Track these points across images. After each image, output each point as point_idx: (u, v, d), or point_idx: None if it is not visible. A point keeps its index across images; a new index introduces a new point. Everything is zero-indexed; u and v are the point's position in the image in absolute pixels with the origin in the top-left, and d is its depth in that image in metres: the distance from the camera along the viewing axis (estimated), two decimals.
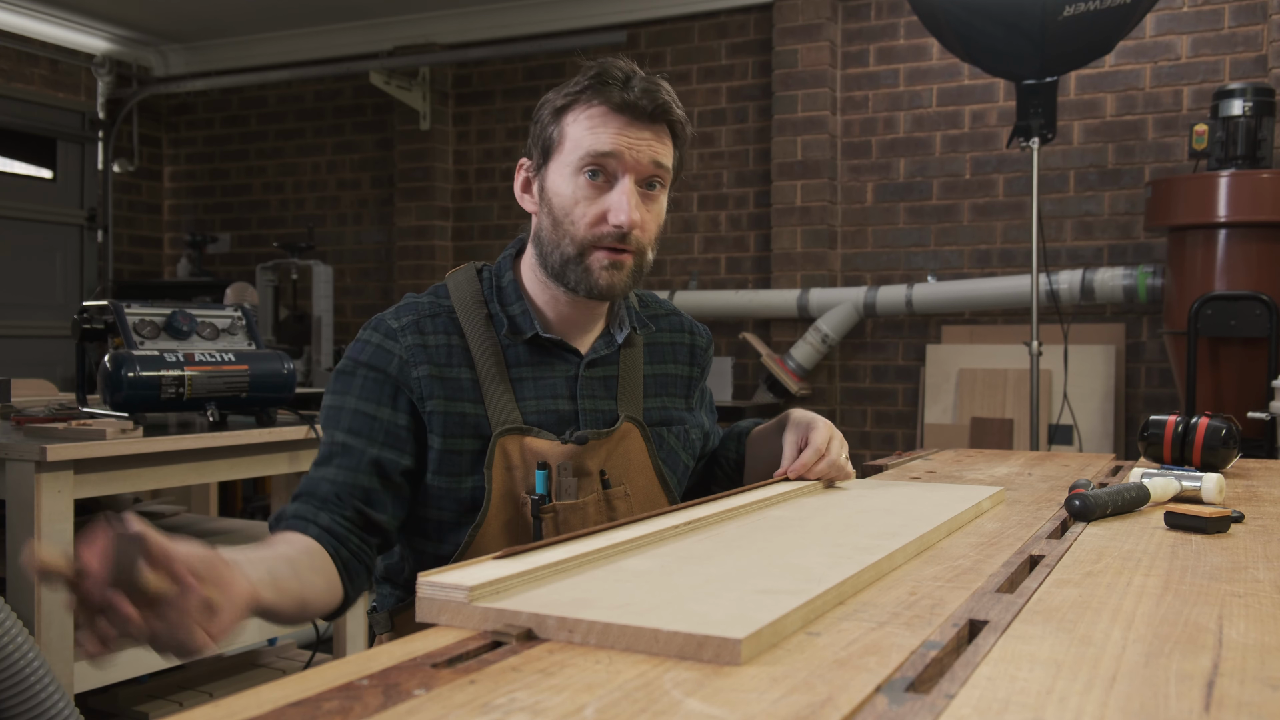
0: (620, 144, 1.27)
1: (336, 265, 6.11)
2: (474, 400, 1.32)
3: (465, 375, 1.32)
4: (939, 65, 4.84)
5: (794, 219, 5.00)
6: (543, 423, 1.34)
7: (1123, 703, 0.65)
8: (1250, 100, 3.69)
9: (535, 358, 1.36)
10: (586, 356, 1.39)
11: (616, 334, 1.42)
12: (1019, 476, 1.75)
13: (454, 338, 1.33)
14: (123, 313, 2.36)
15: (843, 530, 1.14)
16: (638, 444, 1.40)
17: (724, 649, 0.72)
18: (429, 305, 1.36)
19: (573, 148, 1.29)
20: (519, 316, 1.36)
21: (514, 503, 1.30)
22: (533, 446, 1.31)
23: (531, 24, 5.64)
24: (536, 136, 1.34)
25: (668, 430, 1.46)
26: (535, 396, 1.35)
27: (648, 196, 1.31)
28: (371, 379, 1.30)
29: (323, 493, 1.25)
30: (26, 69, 6.00)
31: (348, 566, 1.23)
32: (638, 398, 1.43)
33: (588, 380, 1.38)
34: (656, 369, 1.48)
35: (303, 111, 6.43)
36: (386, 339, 1.32)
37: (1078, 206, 4.62)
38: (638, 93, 1.27)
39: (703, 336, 1.57)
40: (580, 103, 1.29)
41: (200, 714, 0.62)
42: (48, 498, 2.06)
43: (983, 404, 4.59)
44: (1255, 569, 1.04)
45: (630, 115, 1.28)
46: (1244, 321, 3.61)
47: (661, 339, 1.51)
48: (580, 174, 1.28)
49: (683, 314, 1.58)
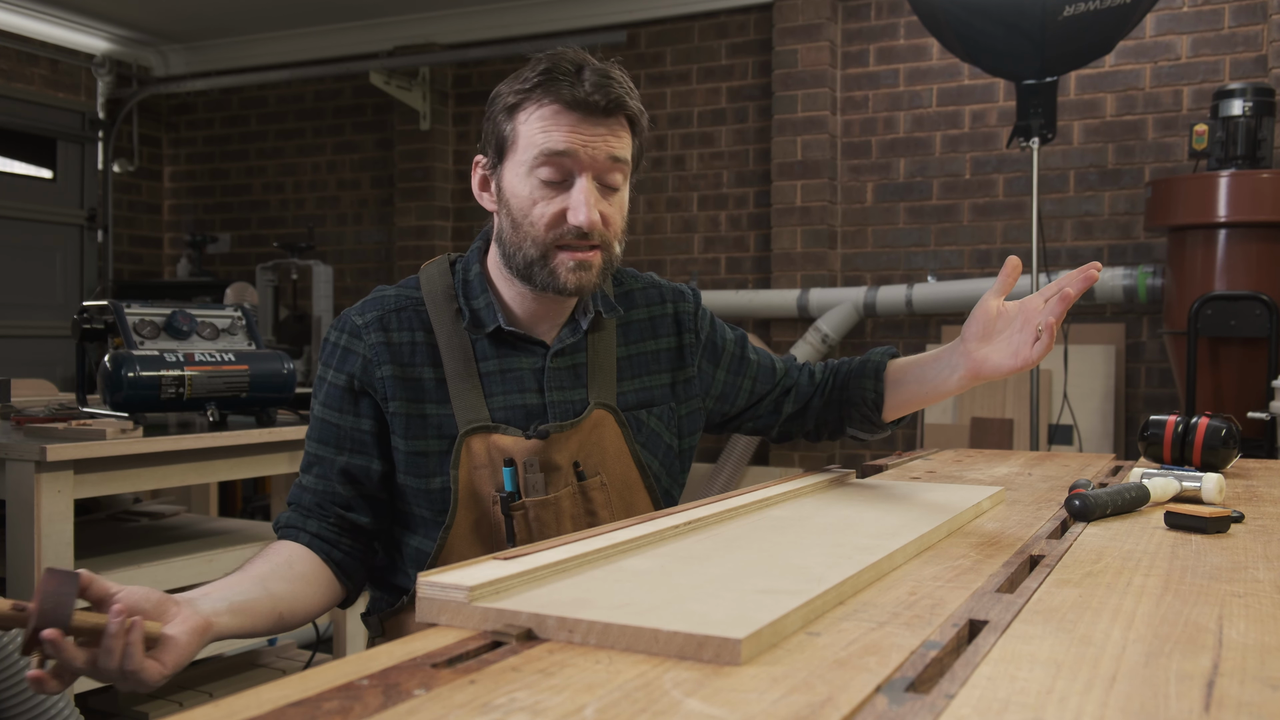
0: (574, 142, 1.23)
1: (336, 265, 6.11)
2: (438, 400, 1.31)
3: (429, 375, 1.31)
4: (939, 65, 4.84)
5: (794, 219, 5.00)
6: (510, 418, 1.32)
7: (1123, 703, 0.65)
8: (1250, 100, 3.69)
9: (501, 351, 1.34)
10: (553, 347, 1.36)
11: (581, 320, 1.38)
12: (1019, 476, 1.75)
13: (419, 334, 1.33)
14: (123, 313, 2.36)
15: (843, 530, 1.14)
16: (612, 431, 1.37)
17: (724, 649, 0.72)
18: (395, 299, 1.35)
19: (526, 147, 1.25)
20: (483, 310, 1.34)
21: (483, 501, 1.29)
22: (499, 443, 1.29)
23: (531, 24, 5.64)
24: (490, 134, 1.31)
25: (647, 413, 1.42)
26: (503, 391, 1.33)
27: (607, 191, 1.28)
28: (335, 386, 1.32)
29: (306, 502, 1.32)
30: (26, 69, 6.00)
31: (342, 566, 1.30)
32: (610, 383, 1.39)
33: (555, 371, 1.35)
34: (633, 349, 1.44)
35: (303, 111, 6.43)
36: (351, 338, 1.32)
37: (1078, 206, 4.62)
38: (589, 87, 1.23)
39: (688, 300, 1.50)
40: (531, 100, 1.25)
41: (200, 714, 0.62)
42: (48, 498, 2.06)
43: (983, 404, 4.59)
44: (1255, 569, 1.04)
45: (583, 111, 1.24)
46: (1244, 321, 3.61)
47: (637, 315, 1.45)
48: (535, 174, 1.25)
49: (663, 283, 1.51)
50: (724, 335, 1.53)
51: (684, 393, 1.46)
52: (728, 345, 1.52)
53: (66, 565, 2.08)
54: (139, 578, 2.26)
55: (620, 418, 1.38)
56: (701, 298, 1.53)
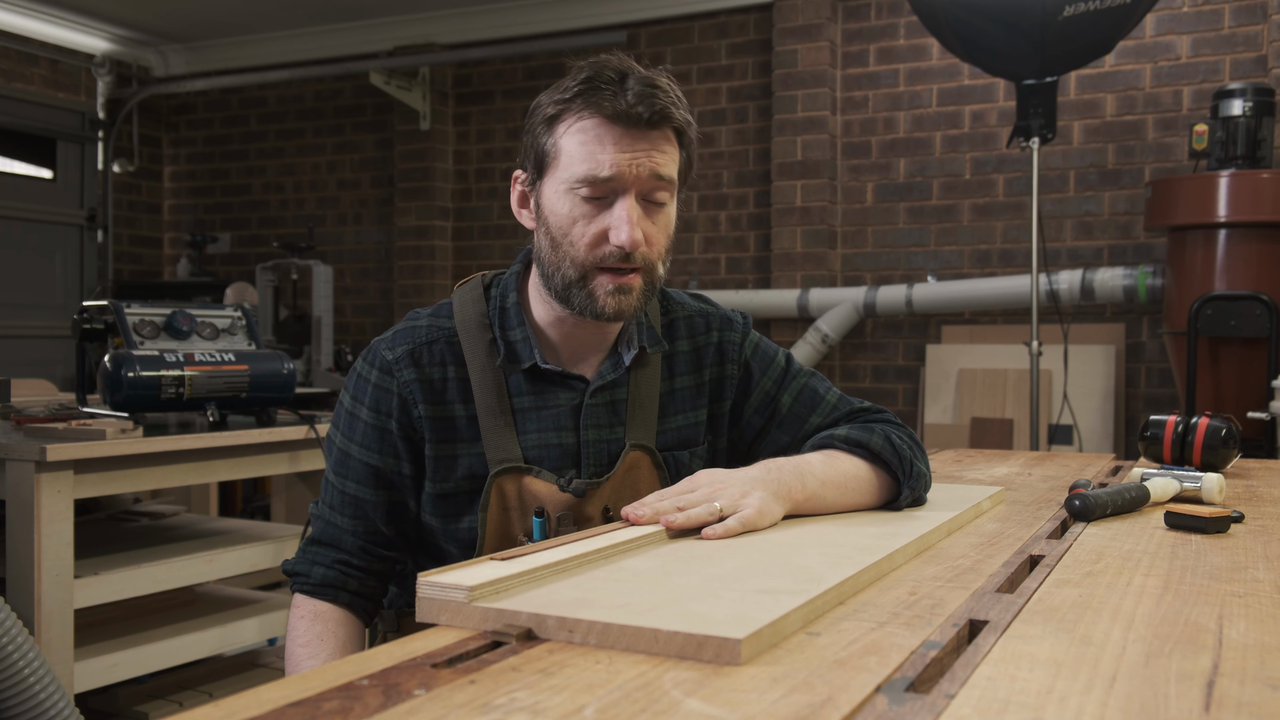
0: (618, 160, 1.16)
1: (336, 265, 6.11)
2: (469, 440, 1.26)
3: (460, 412, 1.26)
4: (939, 65, 4.84)
5: (794, 219, 5.00)
6: (544, 458, 1.27)
7: (1123, 703, 0.65)
8: (1250, 100, 3.69)
9: (538, 386, 1.28)
10: (593, 383, 1.29)
11: (624, 355, 1.31)
12: (1019, 476, 1.75)
13: (451, 369, 1.27)
14: (123, 313, 2.36)
15: (843, 530, 1.14)
16: (647, 473, 1.30)
17: (724, 649, 0.71)
18: (427, 331, 1.28)
19: (567, 163, 1.19)
20: (519, 344, 1.27)
21: (510, 544, 1.25)
22: (531, 488, 1.25)
23: (531, 24, 5.64)
24: (529, 148, 1.24)
25: (690, 454, 1.35)
26: (538, 429, 1.27)
27: (651, 209, 1.21)
28: (371, 426, 1.27)
29: (349, 546, 1.29)
30: (26, 69, 6.00)
31: (368, 610, 1.31)
32: (650, 421, 1.32)
33: (593, 408, 1.29)
34: (678, 382, 1.36)
35: (303, 111, 6.43)
36: (384, 376, 1.27)
37: (1078, 206, 4.62)
38: (632, 99, 1.16)
39: (735, 330, 1.40)
40: (571, 112, 1.18)
41: (200, 714, 0.62)
42: (48, 498, 2.05)
43: (983, 404, 4.59)
44: (1255, 569, 1.04)
45: (626, 125, 1.17)
46: (1244, 321, 3.61)
47: (681, 348, 1.37)
48: (576, 192, 1.19)
49: (711, 310, 1.41)
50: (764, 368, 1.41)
51: (720, 427, 1.40)
52: (763, 382, 1.40)
53: (66, 566, 2.08)
54: (139, 578, 2.26)
55: (657, 459, 1.31)
56: (751, 325, 1.44)
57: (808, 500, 1.19)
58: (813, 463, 1.23)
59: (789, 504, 1.17)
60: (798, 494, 1.18)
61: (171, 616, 2.52)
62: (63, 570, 2.07)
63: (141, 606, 2.50)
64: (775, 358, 1.42)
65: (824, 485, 1.21)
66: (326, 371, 4.56)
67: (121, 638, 2.34)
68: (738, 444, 1.42)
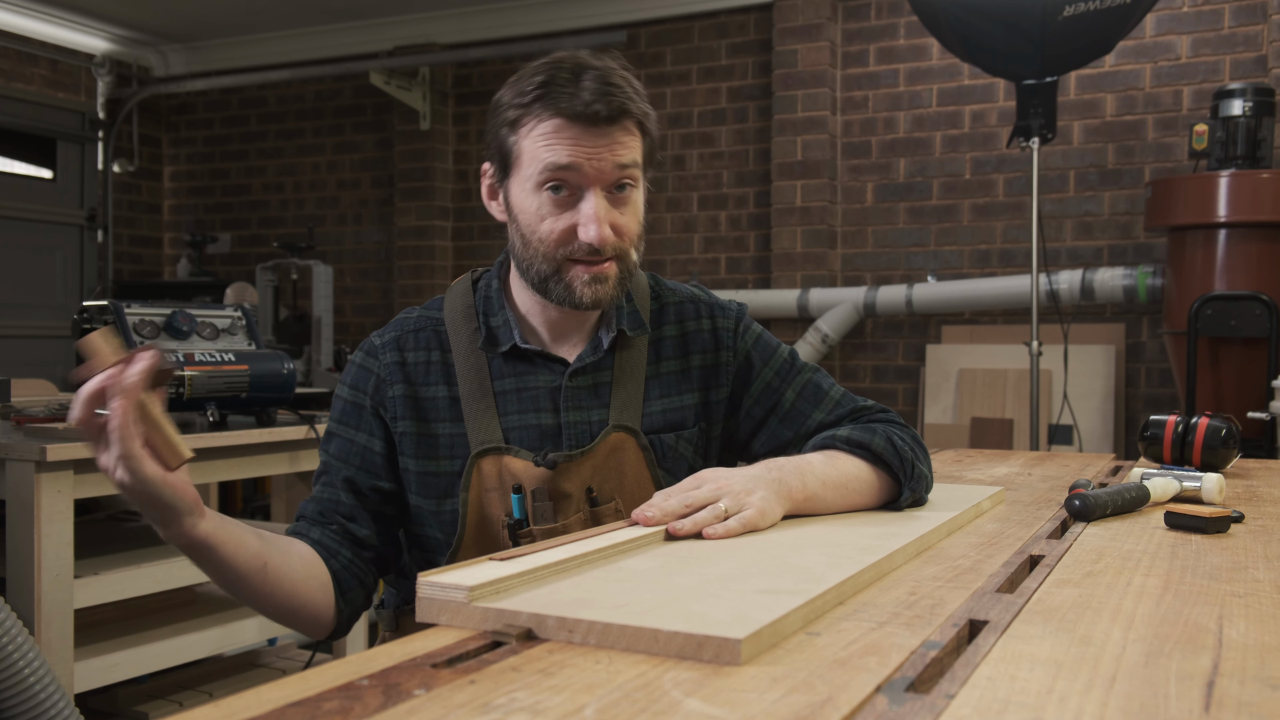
0: (579, 157, 1.19)
1: (336, 265, 6.11)
2: (451, 419, 1.29)
3: (443, 394, 1.30)
4: (939, 65, 4.84)
5: (794, 219, 5.00)
6: (524, 439, 1.29)
7: (1123, 703, 0.65)
8: (1250, 100, 3.69)
9: (518, 369, 1.31)
10: (572, 365, 1.31)
11: (603, 337, 1.33)
12: (1019, 476, 1.75)
13: (435, 354, 1.31)
14: (123, 313, 2.36)
15: (843, 530, 1.14)
16: (633, 454, 1.31)
17: (724, 649, 0.72)
18: (417, 320, 1.34)
19: (530, 162, 1.21)
20: (499, 328, 1.31)
21: (492, 525, 1.27)
22: (510, 467, 1.27)
23: (531, 24, 5.64)
24: (493, 145, 1.27)
25: (676, 436, 1.34)
26: (518, 411, 1.30)
27: (619, 199, 1.23)
28: (349, 403, 1.32)
29: (310, 511, 1.30)
30: (26, 69, 6.00)
31: (338, 577, 1.25)
32: (635, 403, 1.33)
33: (572, 390, 1.31)
34: (663, 366, 1.36)
35: (303, 111, 6.43)
36: (368, 358, 1.33)
37: (1078, 206, 4.62)
38: (589, 96, 1.17)
39: (728, 316, 1.40)
40: (531, 115, 1.20)
41: (200, 714, 0.62)
42: (48, 498, 2.05)
43: (983, 404, 4.59)
44: (1255, 569, 1.04)
45: (585, 123, 1.18)
46: (1244, 321, 3.61)
47: (669, 332, 1.38)
48: (542, 190, 1.21)
49: (703, 298, 1.42)
50: (765, 359, 1.40)
51: (716, 414, 1.39)
52: (764, 373, 1.39)
53: (66, 566, 2.08)
54: (139, 578, 2.26)
55: (642, 440, 1.32)
56: (745, 312, 1.43)
57: (808, 500, 1.20)
58: (814, 463, 1.24)
59: (790, 504, 1.18)
60: (798, 494, 1.19)
61: (171, 616, 2.52)
62: (63, 570, 2.07)
63: (141, 606, 2.50)
64: (778, 351, 1.42)
65: (825, 485, 1.22)
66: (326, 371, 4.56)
67: (121, 638, 2.33)
68: (736, 434, 1.41)
